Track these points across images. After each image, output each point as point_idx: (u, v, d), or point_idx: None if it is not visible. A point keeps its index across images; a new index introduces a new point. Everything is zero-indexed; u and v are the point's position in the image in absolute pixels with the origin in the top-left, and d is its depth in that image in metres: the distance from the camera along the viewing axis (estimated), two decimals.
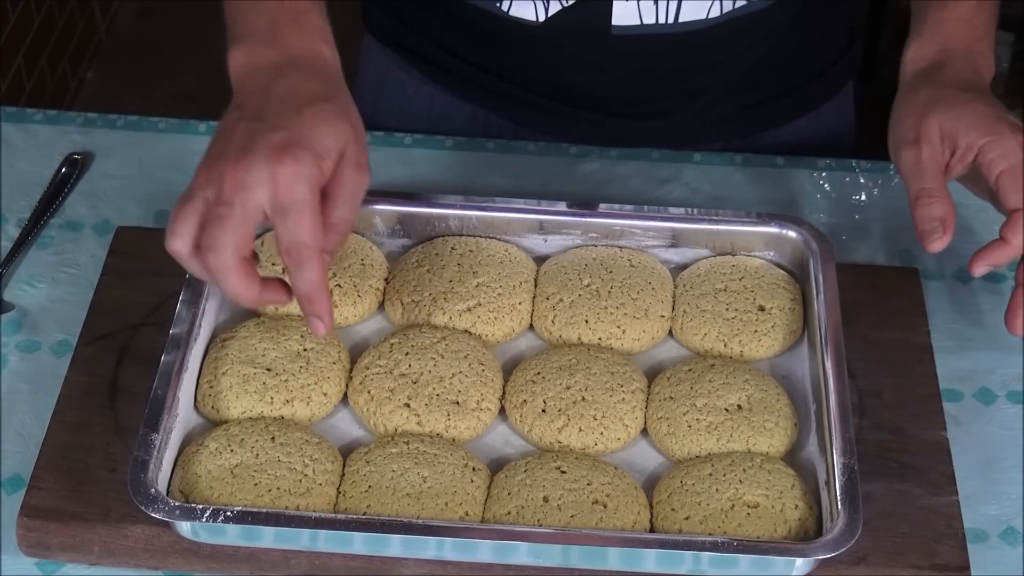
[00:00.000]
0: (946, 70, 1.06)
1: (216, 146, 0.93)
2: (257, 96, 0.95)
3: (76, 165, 1.23)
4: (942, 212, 0.99)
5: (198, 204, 0.90)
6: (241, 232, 0.89)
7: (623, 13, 1.18)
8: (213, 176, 0.91)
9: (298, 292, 0.91)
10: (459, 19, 1.24)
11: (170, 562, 0.95)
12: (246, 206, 0.89)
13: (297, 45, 0.98)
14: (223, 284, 0.90)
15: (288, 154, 0.89)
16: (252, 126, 0.92)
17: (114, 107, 1.46)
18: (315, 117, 0.92)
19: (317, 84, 0.96)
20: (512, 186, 1.22)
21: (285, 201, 0.89)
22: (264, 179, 0.89)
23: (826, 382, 0.99)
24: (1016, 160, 0.99)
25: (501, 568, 0.94)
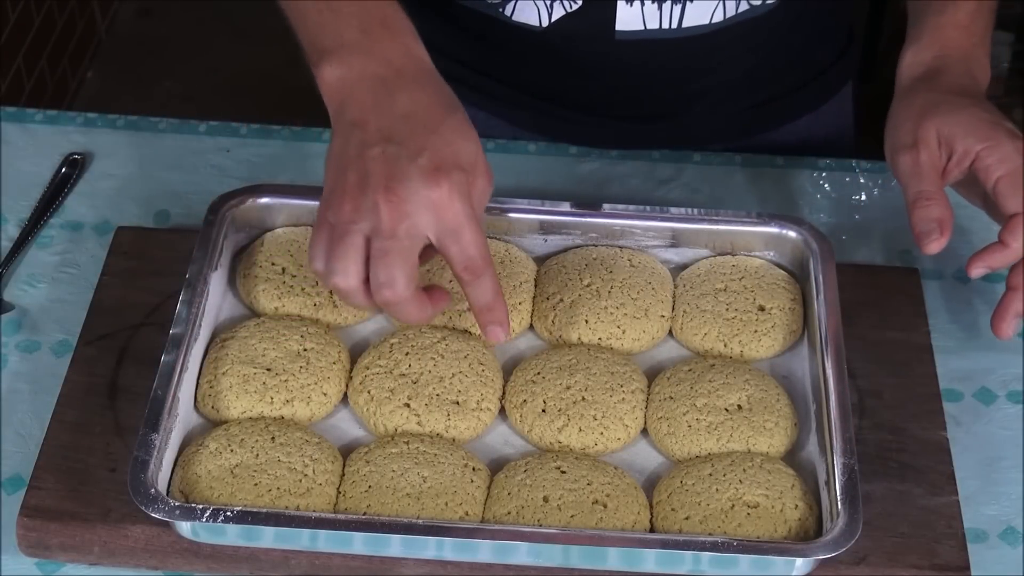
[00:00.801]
0: (943, 76, 1.07)
1: (351, 173, 0.91)
2: (374, 113, 0.92)
3: (76, 165, 1.23)
4: (939, 214, 0.99)
5: (356, 239, 0.90)
6: (411, 263, 0.90)
7: (627, 18, 1.18)
8: (364, 207, 0.89)
9: (477, 304, 0.93)
10: (462, 24, 1.24)
11: (170, 562, 0.95)
12: (412, 235, 0.89)
13: (395, 52, 0.95)
14: (400, 315, 0.92)
15: (443, 176, 0.89)
16: (388, 149, 0.90)
17: (114, 107, 1.46)
18: (451, 132, 0.92)
19: (434, 94, 0.95)
20: (512, 186, 1.22)
21: (452, 224, 0.90)
22: (424, 205, 0.89)
23: (826, 382, 0.99)
24: (1014, 165, 1.00)
25: (501, 568, 0.94)
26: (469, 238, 0.91)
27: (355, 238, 0.90)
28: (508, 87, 1.28)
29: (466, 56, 1.28)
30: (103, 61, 2.99)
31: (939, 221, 0.99)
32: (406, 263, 0.90)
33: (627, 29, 1.18)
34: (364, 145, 0.91)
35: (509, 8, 1.19)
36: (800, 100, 1.32)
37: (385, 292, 0.90)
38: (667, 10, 1.17)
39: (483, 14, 1.20)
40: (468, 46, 1.26)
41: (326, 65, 0.95)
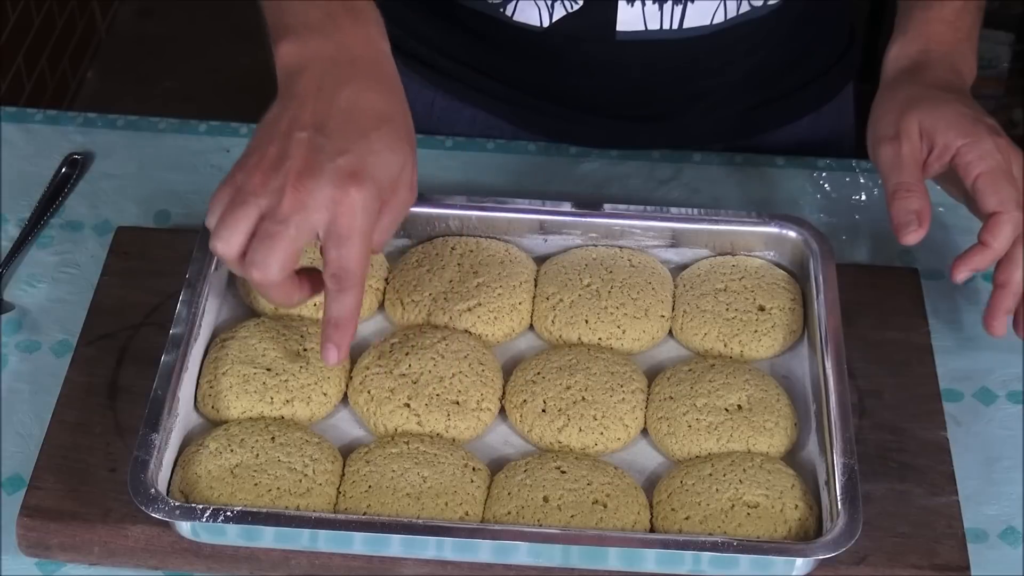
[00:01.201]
0: (927, 71, 1.07)
1: (273, 146, 0.90)
2: (315, 98, 0.92)
3: (76, 165, 1.23)
4: (919, 206, 0.99)
5: (251, 211, 0.89)
6: (291, 252, 0.89)
7: (628, 19, 1.18)
8: (272, 187, 0.89)
9: (329, 316, 0.90)
10: (462, 23, 1.24)
11: (170, 562, 0.95)
12: (301, 228, 0.88)
13: (355, 40, 0.95)
14: (263, 294, 0.91)
15: (354, 183, 0.88)
16: (316, 141, 0.90)
17: (114, 107, 1.46)
18: (380, 142, 0.91)
19: (380, 96, 0.94)
20: (512, 186, 1.22)
21: (344, 230, 0.88)
22: (326, 204, 0.88)
23: (826, 382, 0.99)
24: (993, 163, 1.00)
25: (501, 568, 0.94)
26: (351, 251, 0.89)
27: (250, 210, 0.89)
28: (509, 87, 1.28)
29: (467, 56, 1.28)
30: (103, 61, 2.99)
31: (918, 212, 0.99)
32: (284, 251, 0.88)
33: (628, 29, 1.18)
34: (295, 124, 0.91)
35: (510, 8, 1.19)
36: (801, 100, 1.32)
37: (254, 272, 0.89)
38: (668, 10, 1.17)
39: (484, 14, 1.20)
40: (469, 46, 1.26)
41: (285, 42, 0.95)
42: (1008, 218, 0.99)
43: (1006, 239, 0.99)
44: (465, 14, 1.22)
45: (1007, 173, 1.00)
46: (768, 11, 1.20)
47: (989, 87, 2.66)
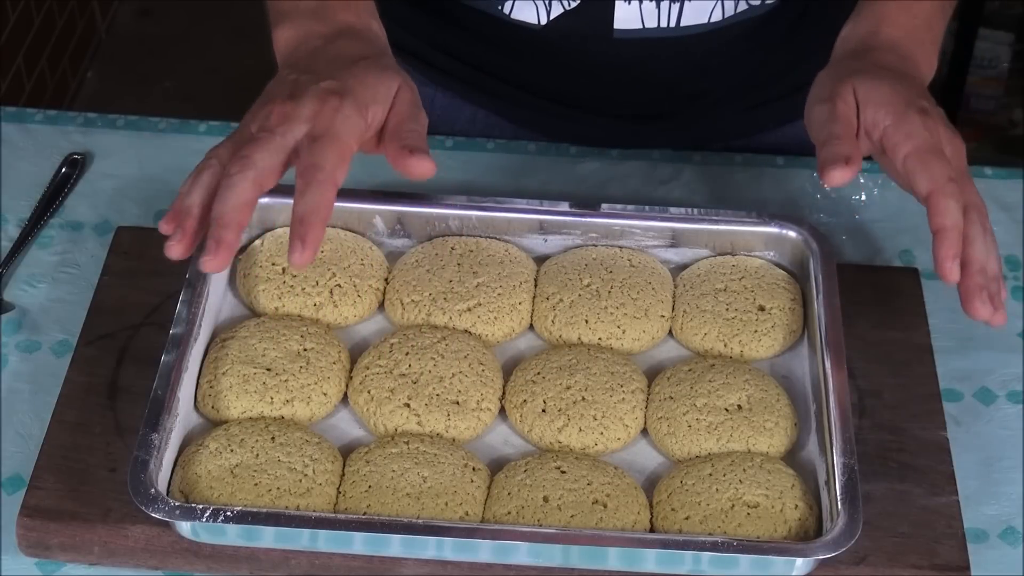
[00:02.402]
0: (873, 52, 1.03)
1: (263, 96, 0.96)
2: (306, 58, 0.98)
3: (76, 165, 1.23)
4: (849, 151, 0.95)
5: (243, 132, 0.93)
6: (273, 157, 0.91)
7: (625, 16, 1.18)
8: (259, 115, 0.93)
9: (295, 214, 0.89)
10: (460, 21, 1.24)
11: (170, 562, 0.95)
12: (285, 136, 0.91)
13: (347, 19, 1.01)
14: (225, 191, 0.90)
15: (335, 96, 0.92)
16: (302, 77, 0.95)
17: (114, 107, 1.46)
18: (364, 70, 0.95)
19: (365, 47, 0.99)
20: (512, 186, 1.22)
21: (319, 131, 0.91)
22: (307, 116, 0.92)
23: (826, 382, 0.99)
24: (919, 142, 0.96)
25: (501, 568, 0.94)
26: (322, 148, 0.91)
27: (242, 132, 0.93)
28: (508, 85, 1.28)
29: (465, 55, 1.28)
30: (103, 61, 2.99)
31: (847, 156, 0.95)
32: (270, 151, 0.91)
33: (625, 28, 1.18)
34: (286, 76, 0.96)
35: (507, 6, 1.19)
36: (801, 100, 1.32)
37: (233, 165, 0.90)
38: (665, 9, 1.17)
39: (482, 12, 1.20)
40: (467, 44, 1.26)
41: (281, 27, 1.01)
42: (942, 193, 0.94)
43: (955, 213, 0.93)
44: (463, 12, 1.22)
45: (935, 150, 0.96)
46: (767, 10, 1.20)
47: (989, 87, 2.66)
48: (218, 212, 0.89)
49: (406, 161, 0.92)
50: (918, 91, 1.00)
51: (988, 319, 0.94)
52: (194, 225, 0.91)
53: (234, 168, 0.90)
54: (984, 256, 0.94)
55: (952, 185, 0.94)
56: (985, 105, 2.68)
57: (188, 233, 0.91)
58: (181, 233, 0.90)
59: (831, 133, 0.97)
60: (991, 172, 1.26)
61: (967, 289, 0.94)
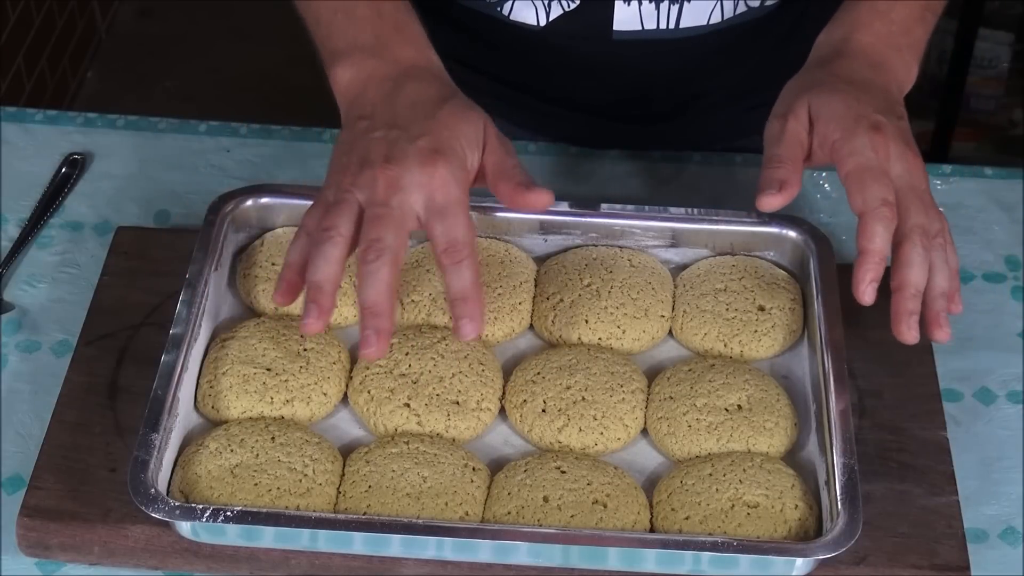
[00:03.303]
0: (842, 60, 1.02)
1: (353, 154, 0.94)
2: (381, 106, 0.96)
3: (76, 165, 1.23)
4: (785, 176, 0.96)
5: (352, 203, 0.92)
6: (400, 231, 0.91)
7: (624, 18, 1.18)
8: (363, 181, 0.92)
9: (452, 292, 0.92)
10: (461, 23, 1.24)
11: (170, 562, 0.95)
12: (403, 208, 0.91)
13: (406, 55, 1.00)
14: (369, 278, 0.90)
15: (439, 157, 0.92)
16: (390, 134, 0.94)
17: (114, 107, 1.46)
18: (450, 116, 0.95)
19: (437, 86, 0.98)
20: None
21: (441, 203, 0.91)
22: (418, 183, 0.91)
23: (826, 382, 0.99)
24: (862, 160, 0.96)
25: (501, 568, 0.94)
26: (454, 220, 0.92)
27: (351, 203, 0.92)
28: (507, 87, 1.28)
29: (465, 55, 1.28)
30: (103, 61, 2.99)
31: (781, 182, 0.96)
32: (396, 229, 0.91)
33: (625, 29, 1.18)
34: (369, 131, 0.95)
35: (507, 7, 1.19)
36: None
37: (370, 252, 0.90)
38: (664, 10, 1.17)
39: (482, 13, 1.20)
40: (467, 45, 1.26)
41: (339, 67, 0.99)
42: (872, 216, 0.94)
43: (881, 238, 0.94)
44: (463, 13, 1.22)
45: (875, 170, 0.95)
46: (766, 11, 1.20)
47: (989, 87, 2.66)
48: (370, 302, 0.90)
49: (526, 197, 0.95)
50: (877, 105, 0.99)
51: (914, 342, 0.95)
52: (328, 301, 0.91)
53: (370, 255, 0.90)
54: (920, 280, 0.95)
55: (886, 209, 0.94)
56: (985, 105, 2.68)
57: (325, 311, 0.91)
58: (318, 311, 0.91)
59: (773, 155, 0.98)
60: (991, 172, 1.26)
61: (895, 311, 0.95)
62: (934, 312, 0.96)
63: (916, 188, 0.96)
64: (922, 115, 2.37)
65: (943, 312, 0.96)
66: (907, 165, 0.97)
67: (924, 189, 0.97)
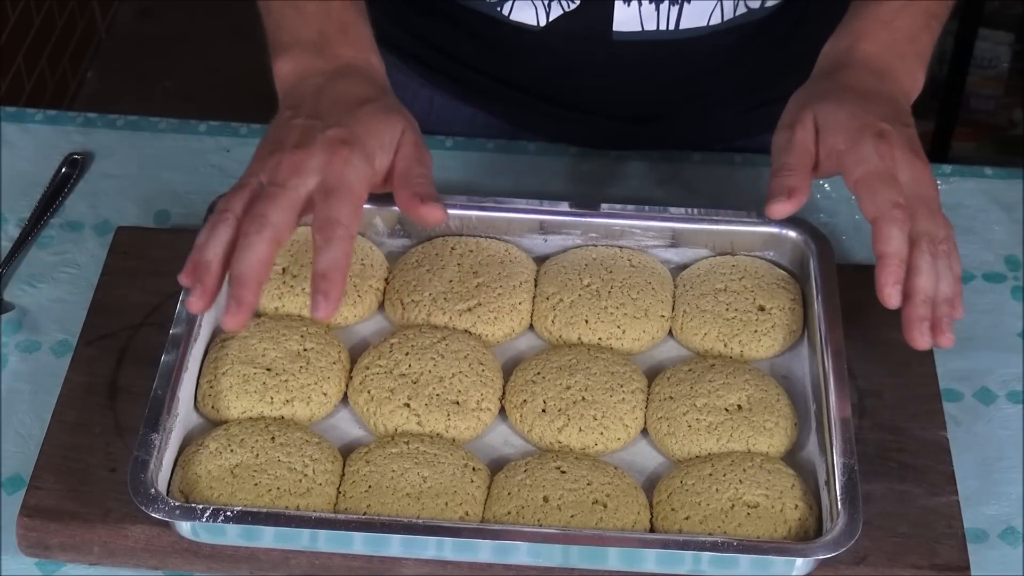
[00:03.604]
0: (848, 70, 1.03)
1: (269, 142, 0.96)
2: (310, 98, 0.98)
3: (76, 165, 1.23)
4: (795, 183, 0.96)
5: (253, 184, 0.93)
6: (287, 214, 0.92)
7: (624, 19, 1.18)
8: (269, 165, 0.94)
9: (315, 269, 0.91)
10: (460, 23, 1.24)
11: (170, 562, 0.95)
12: (298, 189, 0.92)
13: (346, 54, 1.01)
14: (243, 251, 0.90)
15: (345, 147, 0.93)
16: (308, 123, 0.95)
17: (114, 107, 1.46)
18: (369, 116, 0.96)
19: (367, 87, 0.99)
20: (512, 186, 1.22)
21: (332, 184, 0.92)
22: (319, 167, 0.93)
23: (826, 382, 0.99)
24: (870, 167, 0.95)
25: (501, 568, 0.94)
26: (338, 202, 0.92)
27: (253, 186, 0.94)
28: (507, 87, 1.28)
29: (465, 56, 1.28)
30: (103, 61, 2.99)
31: (791, 189, 0.96)
32: (283, 207, 0.91)
33: (624, 30, 1.18)
34: (290, 120, 0.97)
35: (507, 7, 1.19)
36: None
37: (252, 224, 0.91)
38: (664, 11, 1.17)
39: (482, 13, 1.20)
40: (467, 46, 1.26)
41: (281, 60, 1.02)
42: (886, 220, 0.93)
43: (898, 241, 0.94)
44: (463, 13, 1.22)
45: (883, 175, 0.95)
46: (766, 13, 1.20)
47: (989, 87, 2.66)
48: (238, 272, 0.90)
49: (418, 209, 0.95)
50: (883, 113, 0.99)
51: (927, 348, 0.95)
52: (213, 281, 0.92)
53: (251, 228, 0.90)
54: (929, 286, 0.94)
55: (898, 211, 0.94)
56: (985, 105, 2.68)
57: (208, 289, 0.92)
58: (202, 289, 0.91)
59: (782, 164, 0.98)
60: (991, 172, 1.26)
61: (907, 319, 0.94)
62: (937, 318, 0.96)
63: (923, 195, 0.96)
64: (922, 115, 2.36)
65: (946, 318, 0.96)
66: (914, 172, 0.96)
67: (931, 196, 0.97)
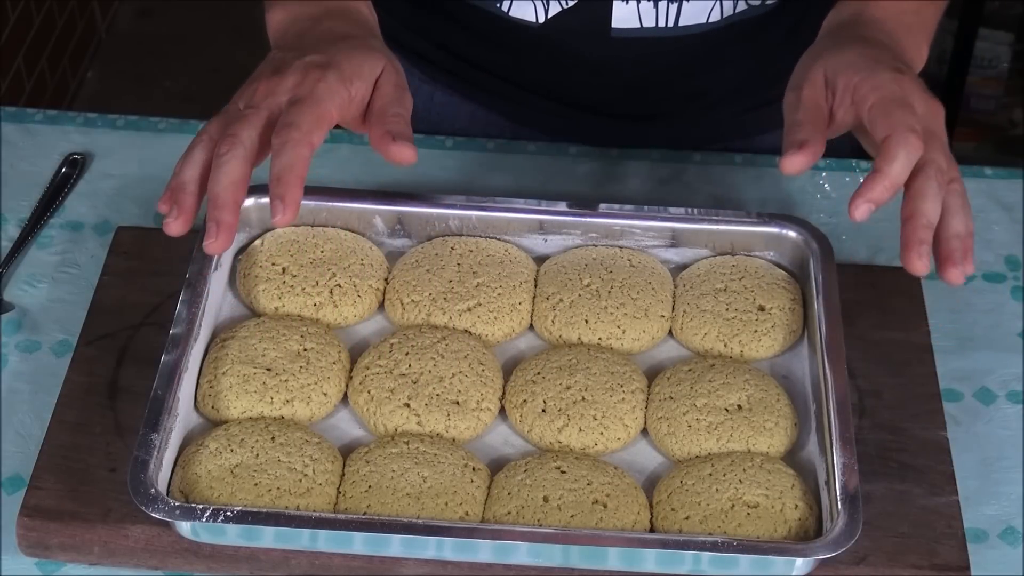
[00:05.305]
0: (855, 29, 1.02)
1: (252, 76, 0.97)
2: (293, 38, 1.00)
3: (76, 165, 1.23)
4: (806, 136, 0.93)
5: (231, 109, 0.94)
6: (258, 131, 0.92)
7: (623, 16, 1.18)
8: (248, 91, 0.95)
9: (272, 173, 0.91)
10: (459, 19, 1.24)
11: (170, 562, 0.95)
12: (270, 108, 0.93)
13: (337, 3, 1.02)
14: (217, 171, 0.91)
15: (317, 70, 0.94)
16: (288, 55, 0.96)
17: (114, 107, 1.46)
18: (351, 48, 0.97)
19: (353, 27, 1.01)
20: (512, 186, 1.23)
21: (300, 95, 0.93)
22: (291, 87, 0.94)
23: (826, 382, 0.99)
24: (886, 92, 0.93)
25: (501, 568, 0.94)
26: (299, 109, 0.92)
27: (231, 112, 0.94)
28: (506, 84, 1.28)
29: (464, 53, 1.28)
30: (103, 61, 2.99)
31: (802, 142, 0.93)
32: (253, 127, 0.92)
33: (623, 27, 1.18)
34: (273, 55, 0.98)
35: (506, 4, 1.19)
36: None
37: (223, 144, 0.91)
38: (663, 8, 1.17)
39: (481, 10, 1.20)
40: (466, 42, 1.26)
41: (272, 10, 1.04)
42: (898, 139, 0.90)
43: (901, 164, 0.90)
44: (462, 10, 1.22)
45: (900, 100, 0.93)
46: (765, 10, 1.20)
47: (989, 87, 2.67)
48: (213, 193, 0.91)
49: (388, 147, 0.94)
50: (891, 56, 0.97)
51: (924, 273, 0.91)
52: (191, 201, 0.92)
53: (223, 148, 0.91)
54: (932, 211, 0.91)
55: (912, 136, 0.91)
56: (985, 105, 2.68)
57: (186, 209, 0.92)
58: (178, 210, 0.92)
59: (793, 120, 0.95)
60: (991, 172, 1.26)
61: (905, 240, 0.91)
62: (948, 250, 0.92)
63: (936, 133, 0.94)
64: None
65: (958, 251, 0.92)
66: (930, 109, 0.94)
67: (944, 139, 0.94)
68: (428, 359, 1.02)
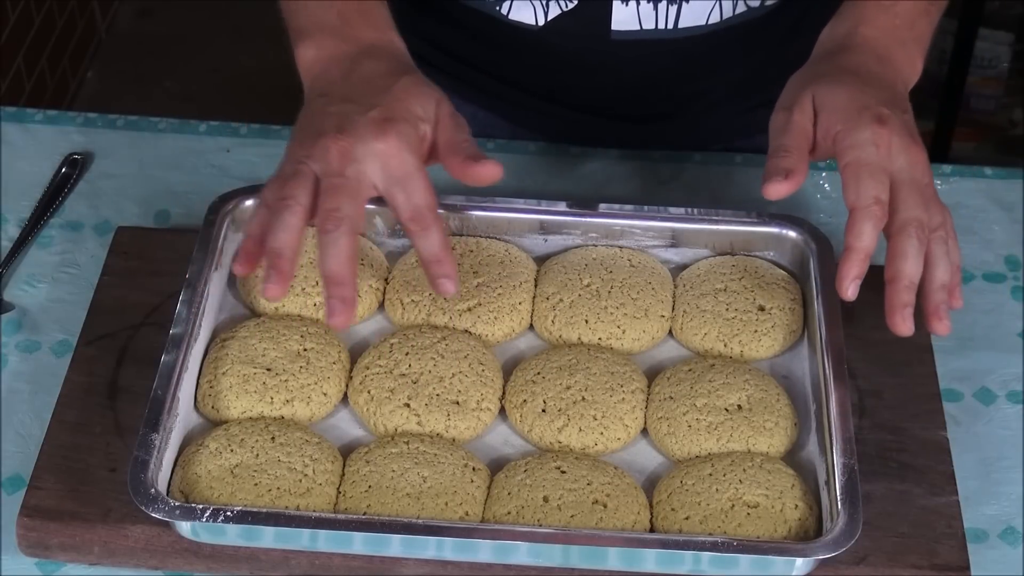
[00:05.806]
0: (848, 53, 1.02)
1: (308, 129, 0.96)
2: (339, 83, 0.98)
3: (76, 165, 1.23)
4: (791, 164, 0.95)
5: (308, 175, 0.93)
6: (358, 200, 0.93)
7: (622, 18, 1.18)
8: (316, 152, 0.94)
9: (424, 256, 0.94)
10: (459, 22, 1.24)
11: (170, 562, 0.95)
12: (359, 177, 0.93)
13: (367, 35, 1.02)
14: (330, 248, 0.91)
15: (390, 126, 0.94)
16: (344, 107, 0.95)
17: (114, 107, 1.46)
18: (403, 91, 0.97)
19: (392, 64, 1.00)
20: (512, 186, 1.22)
21: (399, 172, 0.93)
22: (372, 152, 0.93)
23: (826, 382, 0.99)
24: (861, 154, 0.95)
25: (501, 568, 0.94)
26: (415, 187, 0.93)
27: (306, 174, 0.94)
28: (507, 86, 1.28)
29: (465, 55, 1.28)
30: (103, 61, 2.99)
31: (788, 170, 0.95)
32: (352, 198, 0.92)
33: (623, 29, 1.18)
34: (325, 107, 0.97)
35: (505, 7, 1.19)
36: None
37: (328, 221, 0.91)
38: (663, 10, 1.17)
39: (480, 12, 1.20)
40: (466, 45, 1.26)
41: (302, 46, 1.02)
42: (862, 214, 0.93)
43: (868, 236, 0.93)
44: (462, 12, 1.22)
45: (873, 166, 0.95)
46: (765, 12, 1.20)
47: (989, 87, 2.67)
48: (331, 272, 0.92)
49: (474, 170, 0.95)
50: (882, 97, 0.98)
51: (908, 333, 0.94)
52: (288, 267, 0.93)
53: (328, 224, 0.92)
54: (914, 271, 0.94)
55: (876, 207, 0.94)
56: (985, 105, 2.68)
57: (285, 275, 0.92)
58: (278, 275, 0.92)
59: (779, 145, 0.97)
60: (991, 172, 1.26)
61: (889, 304, 0.94)
62: (934, 304, 0.96)
63: (918, 182, 0.96)
64: (922, 115, 2.36)
65: (943, 304, 0.96)
66: (910, 158, 0.96)
67: (927, 183, 0.97)
68: (428, 359, 1.03)
